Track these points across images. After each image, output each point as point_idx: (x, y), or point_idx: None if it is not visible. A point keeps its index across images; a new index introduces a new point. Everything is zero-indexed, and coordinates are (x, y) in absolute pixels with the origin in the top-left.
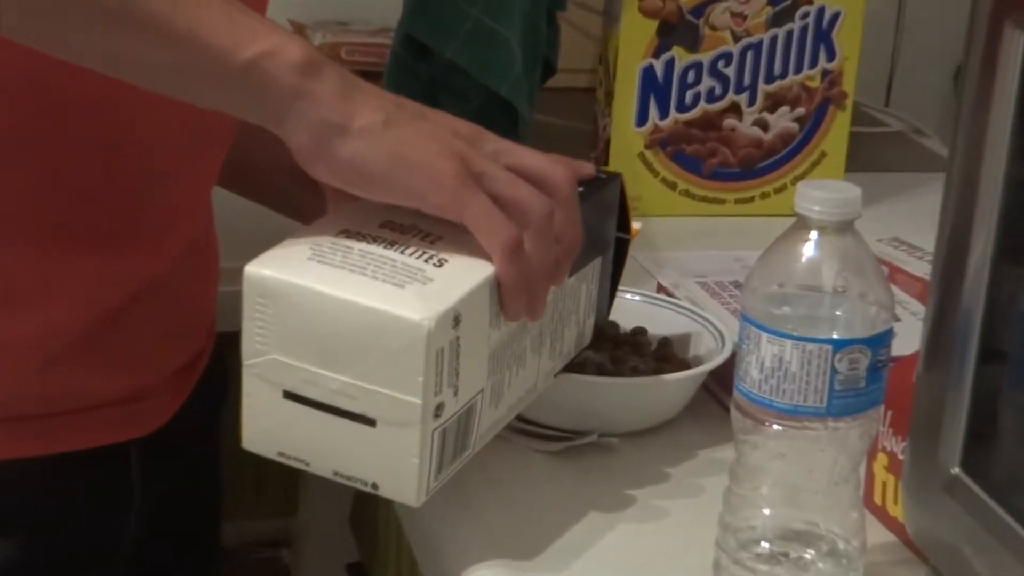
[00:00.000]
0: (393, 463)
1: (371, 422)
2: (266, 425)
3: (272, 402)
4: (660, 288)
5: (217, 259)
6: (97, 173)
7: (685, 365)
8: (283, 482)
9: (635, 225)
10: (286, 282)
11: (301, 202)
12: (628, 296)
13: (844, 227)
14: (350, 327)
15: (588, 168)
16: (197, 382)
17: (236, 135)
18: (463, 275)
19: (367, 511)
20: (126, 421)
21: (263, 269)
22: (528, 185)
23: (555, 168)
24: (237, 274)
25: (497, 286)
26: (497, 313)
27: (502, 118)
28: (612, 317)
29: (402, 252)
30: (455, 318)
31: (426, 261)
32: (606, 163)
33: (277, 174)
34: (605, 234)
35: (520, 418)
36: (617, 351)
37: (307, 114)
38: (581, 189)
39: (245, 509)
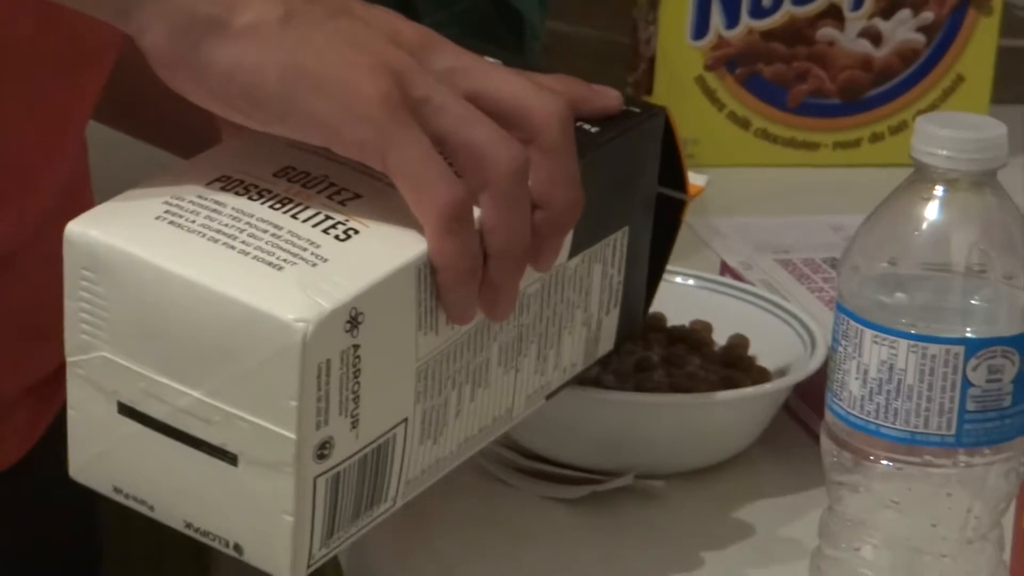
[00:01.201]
0: (261, 518)
1: (231, 458)
2: (98, 449)
3: (104, 417)
4: (724, 268)
5: None
6: None
7: (764, 375)
8: (189, 546)
9: (695, 180)
10: (118, 250)
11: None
12: (678, 279)
13: (983, 180)
14: (202, 322)
15: (609, 98)
16: (64, 402)
17: (120, 50)
18: (377, 253)
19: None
20: None
21: (89, 229)
22: (492, 123)
23: (540, 97)
24: None
25: (431, 272)
26: (433, 310)
27: (500, 26)
28: (655, 309)
29: (294, 215)
30: (351, 318)
31: (326, 231)
32: (649, 91)
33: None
34: (638, 193)
35: (528, 454)
36: (670, 349)
37: (166, 1)
38: (595, 129)
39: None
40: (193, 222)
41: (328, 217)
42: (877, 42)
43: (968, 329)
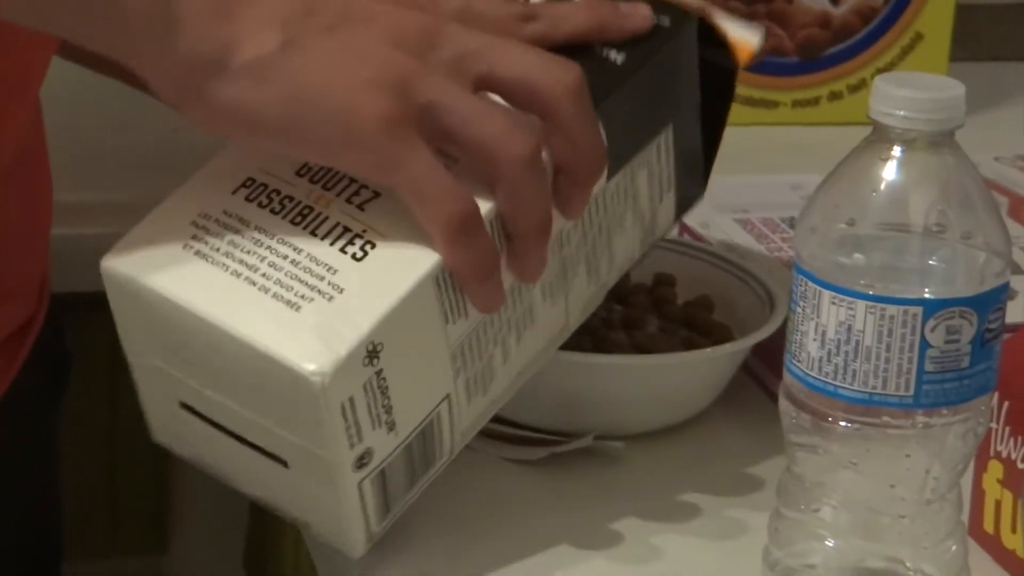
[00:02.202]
0: (319, 509)
1: (283, 462)
2: (170, 428)
3: (170, 407)
4: (683, 229)
5: (50, 186)
6: None
7: (727, 335)
8: (148, 508)
9: (749, 39)
10: (149, 289)
11: None
12: None
13: (941, 140)
14: (233, 359)
15: (636, 19)
16: (24, 364)
17: None
18: (394, 270)
19: (267, 549)
20: None
21: (122, 267)
22: (499, 115)
23: (549, 72)
24: (79, 212)
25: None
26: (459, 301)
27: None
28: None
29: (314, 232)
30: (368, 352)
31: (344, 249)
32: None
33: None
34: (680, 97)
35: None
36: (630, 309)
37: (167, 45)
38: (621, 58)
39: (96, 543)
40: (218, 250)
41: (346, 230)
42: (836, 0)
43: (926, 290)
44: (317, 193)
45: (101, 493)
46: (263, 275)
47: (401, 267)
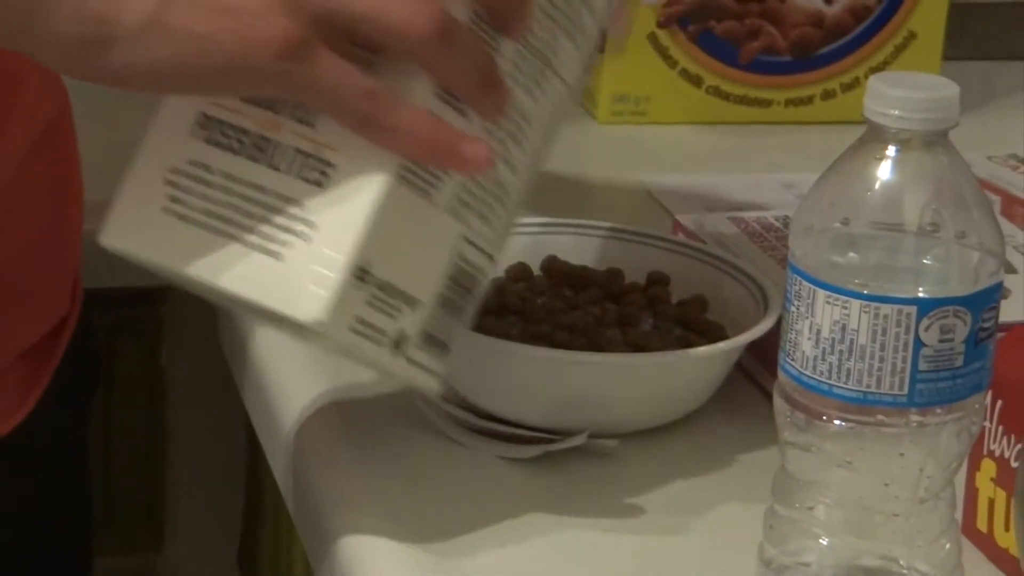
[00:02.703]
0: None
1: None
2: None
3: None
4: (677, 227)
5: (80, 173)
6: None
7: (721, 333)
8: (142, 506)
9: None
10: (149, 262)
11: None
12: (631, 238)
13: (935, 140)
14: (244, 304)
15: None
16: (58, 367)
17: None
18: (358, 187)
19: (261, 548)
20: None
21: (117, 244)
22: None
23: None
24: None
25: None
26: (434, 174)
27: None
28: (609, 266)
29: (275, 166)
30: (357, 276)
31: (305, 177)
32: (602, 48)
33: None
34: None
35: (481, 414)
36: (624, 308)
37: (44, 30)
38: None
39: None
40: (196, 208)
41: (301, 154)
42: None
43: (920, 289)
44: (268, 119)
45: (95, 489)
46: (241, 228)
47: (361, 183)
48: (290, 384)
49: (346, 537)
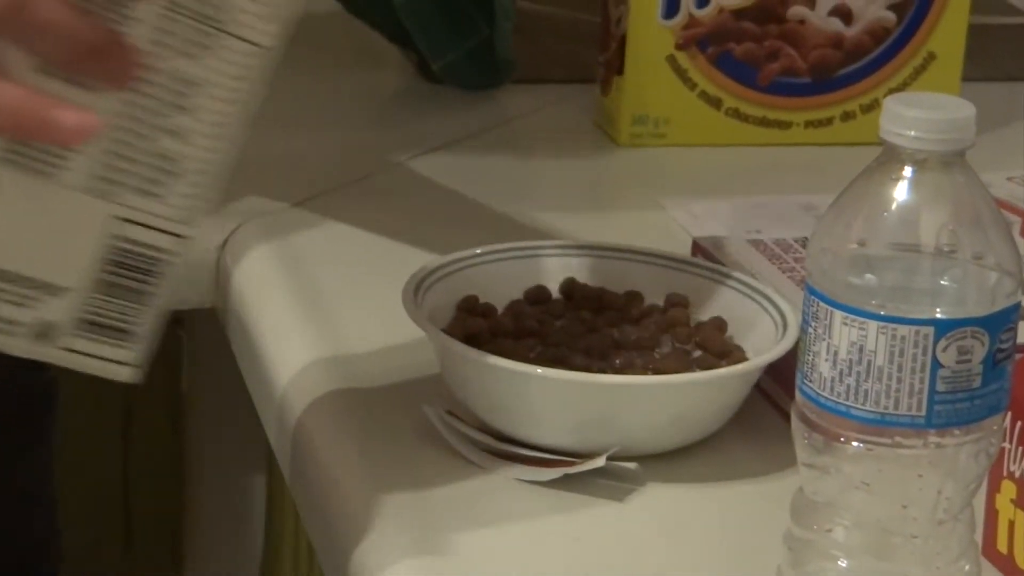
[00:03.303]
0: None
1: None
2: None
3: None
4: (696, 248)
5: None
6: None
7: (740, 355)
8: (163, 528)
9: None
10: None
11: None
12: (650, 260)
13: (952, 160)
14: None
15: None
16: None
17: None
18: None
19: (282, 572)
20: None
21: None
22: None
23: None
24: None
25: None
26: (47, 152)
27: (470, 6)
28: (628, 288)
29: None
30: None
31: None
32: (621, 71)
33: None
34: None
35: (500, 436)
36: (643, 330)
37: None
38: None
39: (111, 562)
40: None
41: None
42: (848, 20)
43: (938, 310)
44: None
45: (115, 512)
46: None
47: None
48: (310, 411)
49: (366, 562)
